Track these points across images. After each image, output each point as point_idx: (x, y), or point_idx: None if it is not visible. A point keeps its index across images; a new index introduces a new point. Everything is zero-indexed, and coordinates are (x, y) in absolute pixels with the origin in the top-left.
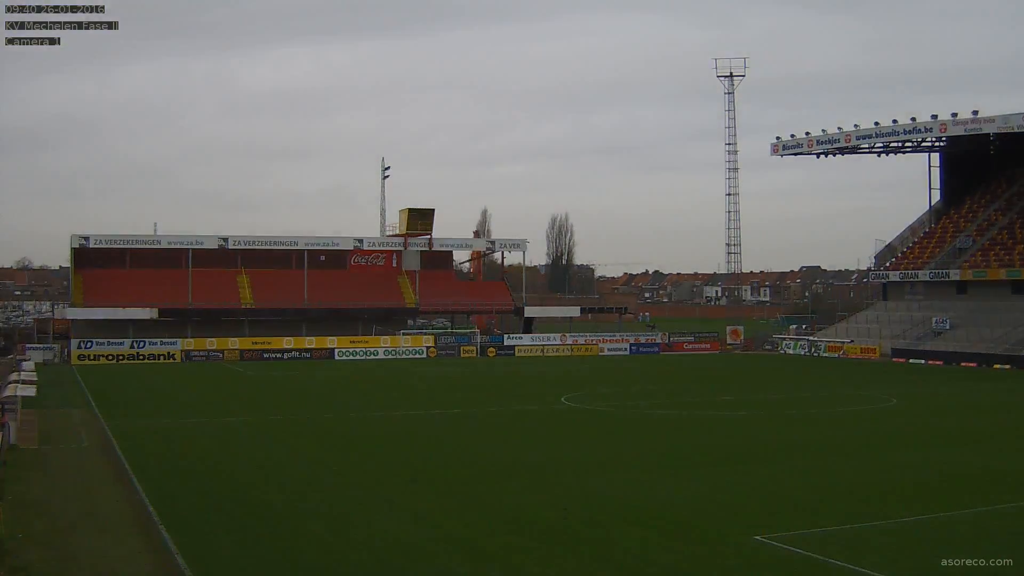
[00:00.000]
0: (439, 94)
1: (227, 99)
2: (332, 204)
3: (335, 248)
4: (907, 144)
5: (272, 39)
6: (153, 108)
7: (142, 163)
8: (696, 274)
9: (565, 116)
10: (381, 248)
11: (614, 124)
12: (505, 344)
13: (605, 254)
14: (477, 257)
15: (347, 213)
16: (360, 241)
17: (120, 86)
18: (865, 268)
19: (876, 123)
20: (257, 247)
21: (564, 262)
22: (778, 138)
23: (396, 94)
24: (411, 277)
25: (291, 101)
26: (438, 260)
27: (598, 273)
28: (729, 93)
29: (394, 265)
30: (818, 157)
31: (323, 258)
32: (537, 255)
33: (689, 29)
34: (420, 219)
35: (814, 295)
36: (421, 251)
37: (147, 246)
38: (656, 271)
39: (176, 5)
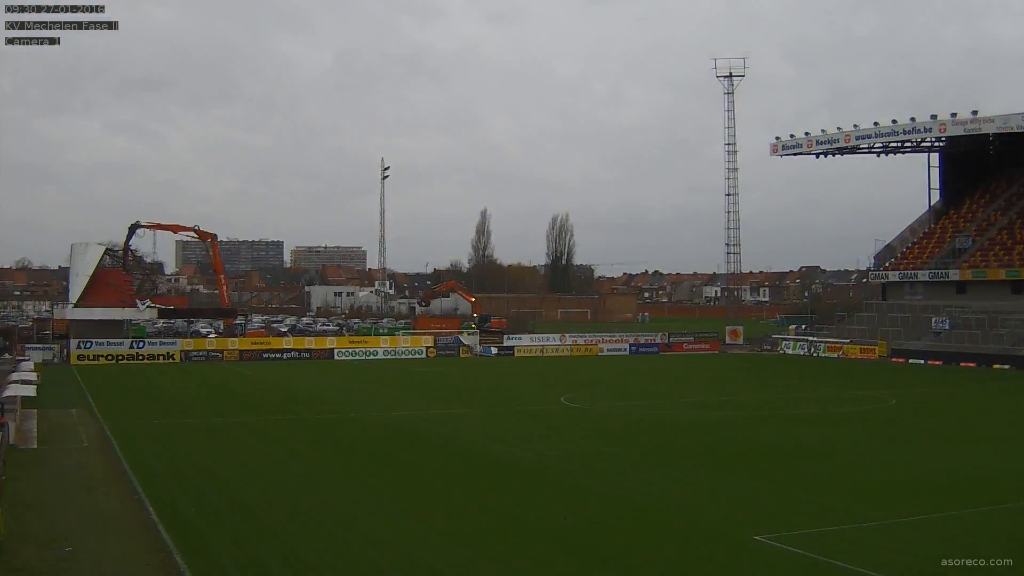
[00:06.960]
0: None
1: None
2: None
3: None
4: (907, 144)
5: None
6: None
7: None
8: (696, 274)
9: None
10: None
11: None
12: (505, 344)
13: (605, 254)
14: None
15: None
16: None
17: None
18: (865, 268)
19: (876, 123)
20: None
21: (564, 262)
22: (778, 138)
23: None
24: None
25: None
26: None
27: (598, 273)
28: (729, 93)
29: None
30: (818, 157)
31: None
32: (537, 255)
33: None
34: None
35: (814, 295)
36: None
37: None
38: (656, 271)
39: None
